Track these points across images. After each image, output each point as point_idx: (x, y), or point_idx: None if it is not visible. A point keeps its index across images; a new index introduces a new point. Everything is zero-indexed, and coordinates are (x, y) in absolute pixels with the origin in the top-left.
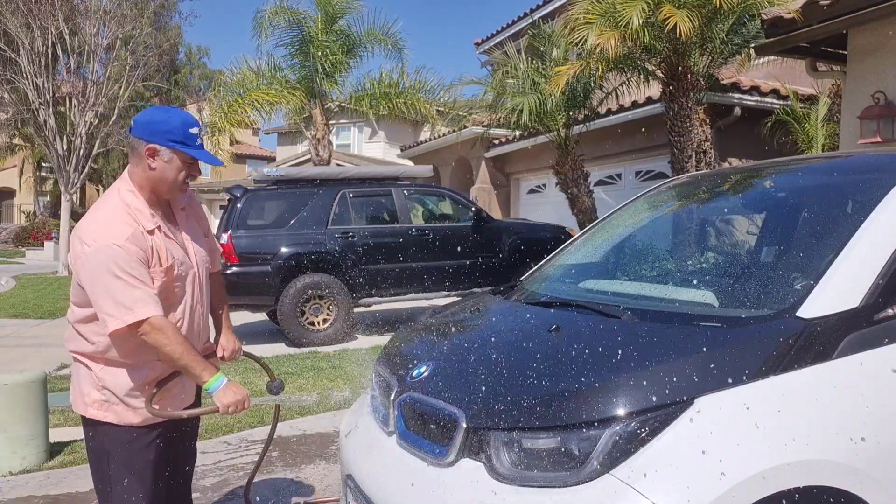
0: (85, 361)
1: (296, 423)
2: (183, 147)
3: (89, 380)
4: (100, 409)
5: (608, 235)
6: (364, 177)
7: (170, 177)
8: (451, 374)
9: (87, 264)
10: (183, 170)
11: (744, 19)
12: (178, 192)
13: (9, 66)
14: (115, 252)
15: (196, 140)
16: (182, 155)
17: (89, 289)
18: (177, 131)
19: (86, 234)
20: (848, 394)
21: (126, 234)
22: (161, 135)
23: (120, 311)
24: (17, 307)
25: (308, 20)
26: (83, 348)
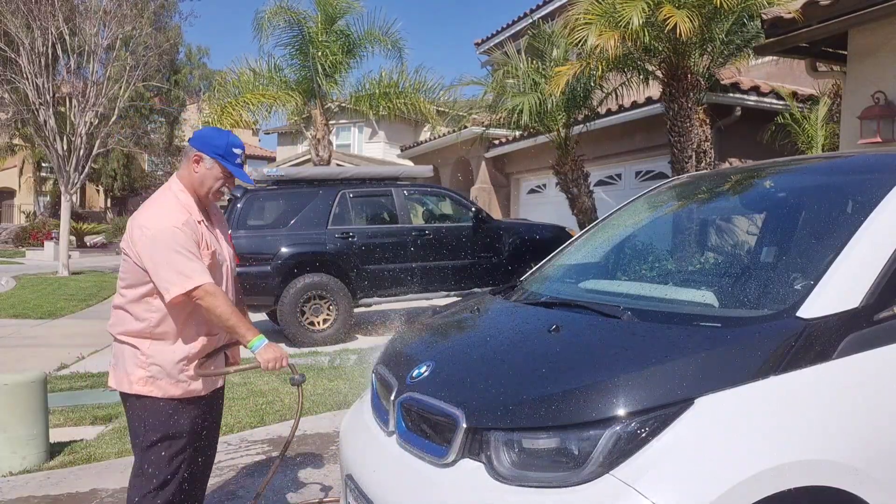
0: (132, 342)
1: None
2: (223, 160)
3: (134, 360)
4: (145, 385)
5: (608, 236)
6: (364, 177)
7: (207, 182)
8: (451, 374)
9: (152, 244)
10: (220, 179)
11: (744, 19)
12: (212, 197)
13: (9, 67)
14: (176, 232)
15: (237, 159)
16: (221, 167)
17: (151, 265)
18: (222, 148)
19: (146, 221)
20: (848, 394)
21: (182, 220)
22: (209, 147)
23: (181, 279)
24: (17, 307)
25: (308, 20)
26: (132, 328)
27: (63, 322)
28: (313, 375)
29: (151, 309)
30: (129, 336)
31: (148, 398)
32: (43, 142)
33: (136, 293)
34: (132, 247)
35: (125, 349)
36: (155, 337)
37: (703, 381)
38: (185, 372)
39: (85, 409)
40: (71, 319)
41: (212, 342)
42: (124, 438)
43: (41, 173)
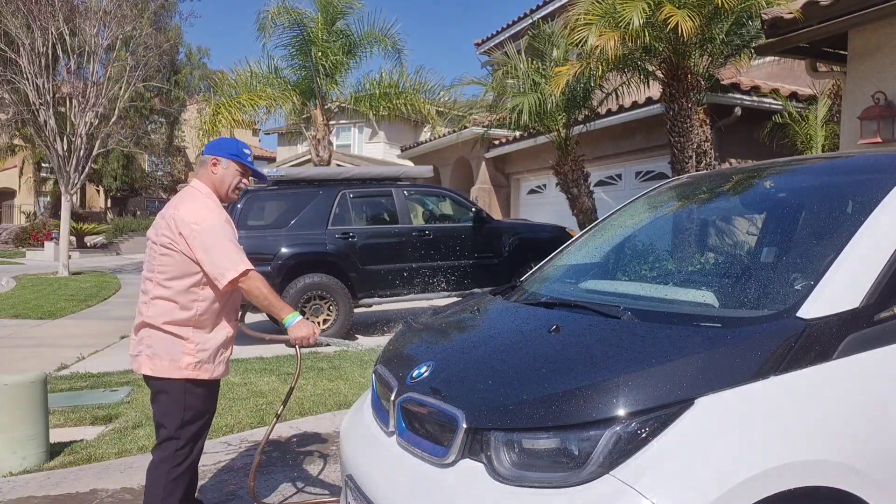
0: (177, 331)
1: (296, 423)
2: (237, 158)
3: (180, 347)
4: (194, 370)
5: (608, 236)
6: (364, 177)
7: (227, 180)
8: (451, 374)
9: (205, 236)
10: (237, 175)
11: (744, 20)
12: (231, 193)
13: (9, 67)
14: (224, 226)
15: (248, 157)
16: (236, 164)
17: (205, 255)
18: (234, 149)
19: (194, 217)
20: (848, 394)
21: (225, 217)
22: (223, 150)
23: (235, 264)
24: (17, 307)
25: (309, 20)
26: (179, 317)
27: (63, 322)
28: (313, 376)
29: (198, 298)
30: (174, 325)
31: (194, 381)
32: (43, 142)
33: (184, 284)
34: (179, 242)
35: (166, 338)
36: (198, 325)
37: (704, 382)
38: (223, 355)
39: (85, 410)
40: (71, 320)
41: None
42: (124, 439)
43: (41, 174)
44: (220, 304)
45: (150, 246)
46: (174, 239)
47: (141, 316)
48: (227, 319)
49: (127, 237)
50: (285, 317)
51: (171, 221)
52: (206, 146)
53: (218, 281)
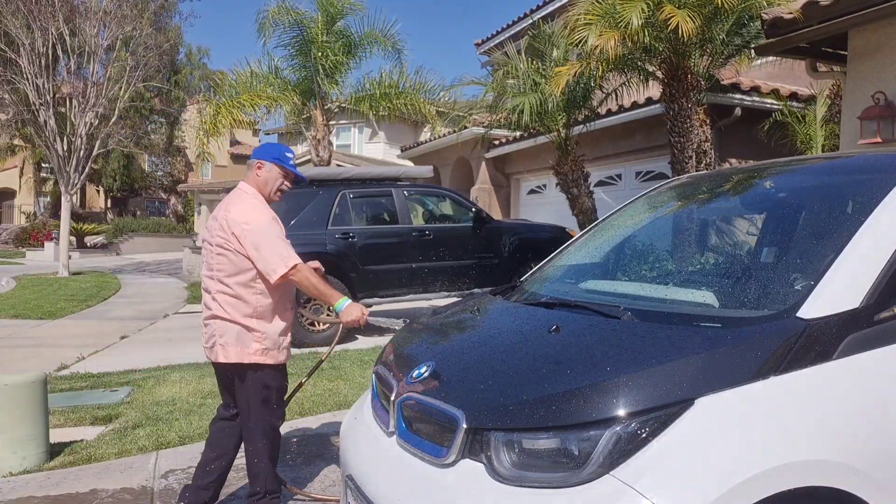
0: (243, 322)
1: (296, 423)
2: (279, 162)
3: (248, 337)
4: (263, 356)
5: (608, 236)
6: (364, 177)
7: (270, 182)
8: (451, 374)
9: (255, 235)
10: (279, 178)
11: (744, 20)
12: (274, 195)
13: (9, 67)
14: (273, 224)
15: (289, 161)
16: (278, 167)
17: (256, 252)
18: (276, 153)
19: (244, 217)
20: (848, 394)
21: (272, 215)
22: (267, 154)
23: (284, 260)
24: (18, 307)
25: (309, 21)
26: (244, 310)
27: (63, 322)
28: (313, 376)
29: (255, 292)
30: (240, 317)
31: (264, 366)
32: (43, 142)
33: (244, 279)
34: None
35: (234, 328)
36: (260, 316)
37: (704, 382)
38: (284, 342)
39: (85, 410)
40: (71, 320)
41: (292, 316)
42: (124, 439)
43: (41, 174)
44: (277, 296)
45: (206, 247)
46: (228, 239)
47: (209, 310)
48: (284, 309)
49: (127, 237)
50: (335, 302)
51: (224, 223)
52: (253, 150)
53: (269, 276)
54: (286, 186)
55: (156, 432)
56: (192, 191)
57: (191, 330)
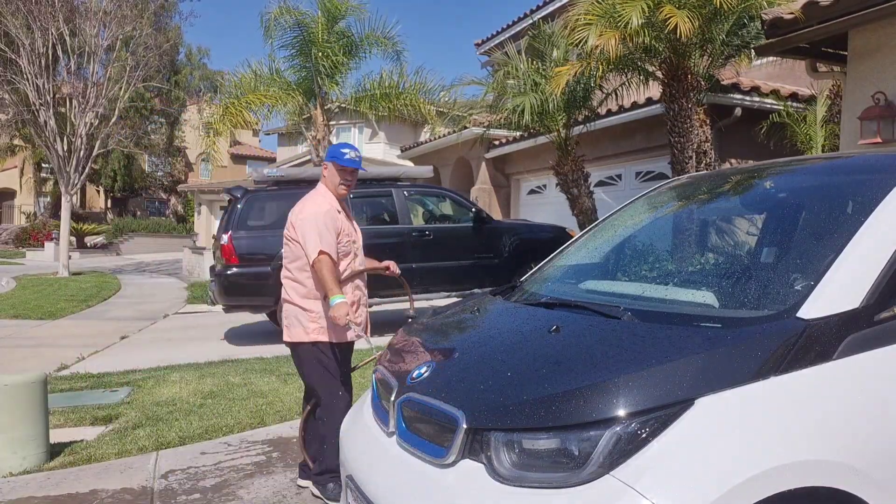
0: (301, 304)
1: (296, 423)
2: (336, 160)
3: (306, 316)
4: (318, 334)
5: (608, 236)
6: (364, 177)
7: (332, 180)
8: (451, 374)
9: (302, 224)
10: (337, 175)
11: (744, 20)
12: (339, 190)
13: (9, 67)
14: (317, 216)
15: (343, 156)
16: (336, 165)
17: (302, 240)
18: (332, 153)
19: (299, 209)
20: (848, 394)
21: (324, 209)
22: (329, 156)
23: (316, 244)
24: (18, 308)
25: (310, 21)
26: (301, 292)
27: (63, 323)
28: None
29: (310, 275)
30: (299, 298)
31: (320, 342)
32: (43, 142)
33: (300, 264)
34: (291, 231)
35: (295, 310)
36: (314, 297)
37: (704, 382)
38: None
39: (85, 410)
40: (71, 320)
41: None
42: (124, 439)
43: (41, 174)
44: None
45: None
46: (289, 229)
47: (283, 295)
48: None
49: (127, 237)
50: (331, 296)
51: (291, 216)
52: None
53: (308, 261)
54: (348, 179)
55: (156, 432)
56: (192, 191)
57: (191, 330)
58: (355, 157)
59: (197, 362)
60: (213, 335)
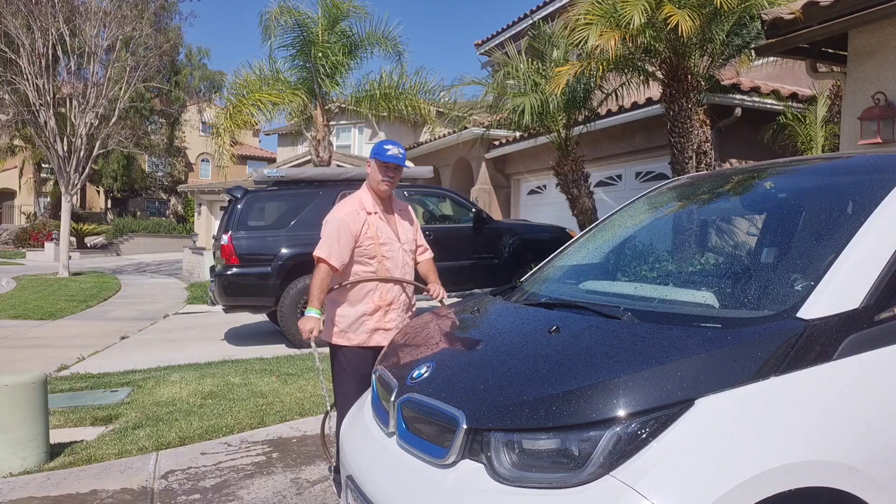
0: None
1: (296, 423)
2: (377, 156)
3: (330, 318)
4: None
5: (608, 236)
6: (364, 178)
7: (374, 177)
8: (451, 375)
9: (325, 224)
10: (379, 171)
11: (744, 20)
12: (379, 187)
13: (9, 68)
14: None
15: (387, 152)
16: (377, 161)
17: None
18: (377, 149)
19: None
20: (848, 395)
21: (345, 213)
22: (372, 153)
23: (319, 250)
24: (18, 308)
25: (310, 21)
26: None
27: (63, 323)
28: (313, 377)
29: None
30: (329, 301)
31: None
32: (43, 143)
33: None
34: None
35: (329, 310)
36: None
37: (704, 382)
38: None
39: (85, 410)
40: (71, 320)
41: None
42: (124, 439)
43: (41, 174)
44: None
45: None
46: None
47: None
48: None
49: (127, 238)
50: (308, 308)
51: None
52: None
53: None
54: (389, 177)
55: (156, 433)
56: (192, 191)
57: (191, 330)
58: (398, 153)
59: (197, 362)
60: (214, 335)
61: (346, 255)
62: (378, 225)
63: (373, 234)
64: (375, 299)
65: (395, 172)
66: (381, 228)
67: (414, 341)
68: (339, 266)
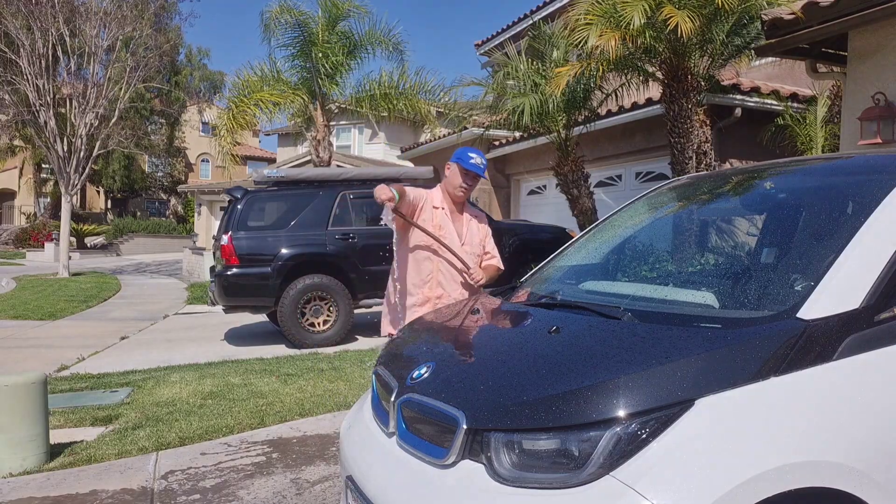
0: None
1: (296, 424)
2: (460, 161)
3: (385, 311)
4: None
5: (608, 237)
6: (364, 178)
7: (452, 181)
8: (451, 375)
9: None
10: (457, 177)
11: (744, 20)
12: (456, 192)
13: (9, 68)
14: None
15: (470, 160)
16: (457, 166)
17: None
18: (458, 154)
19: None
20: (848, 395)
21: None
22: (454, 157)
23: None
24: (18, 308)
25: (310, 21)
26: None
27: (63, 323)
28: (313, 377)
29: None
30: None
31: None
32: (43, 143)
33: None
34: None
35: (385, 305)
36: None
37: (704, 382)
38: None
39: (85, 411)
40: (71, 321)
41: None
42: (124, 439)
43: (41, 174)
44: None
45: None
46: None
47: None
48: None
49: (127, 238)
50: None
51: None
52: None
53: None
54: (467, 184)
55: (156, 433)
56: (192, 191)
57: (191, 330)
58: (480, 163)
59: (197, 363)
60: (214, 336)
61: (411, 204)
62: (443, 221)
63: (437, 223)
64: (425, 291)
65: (473, 181)
66: (446, 225)
67: (414, 341)
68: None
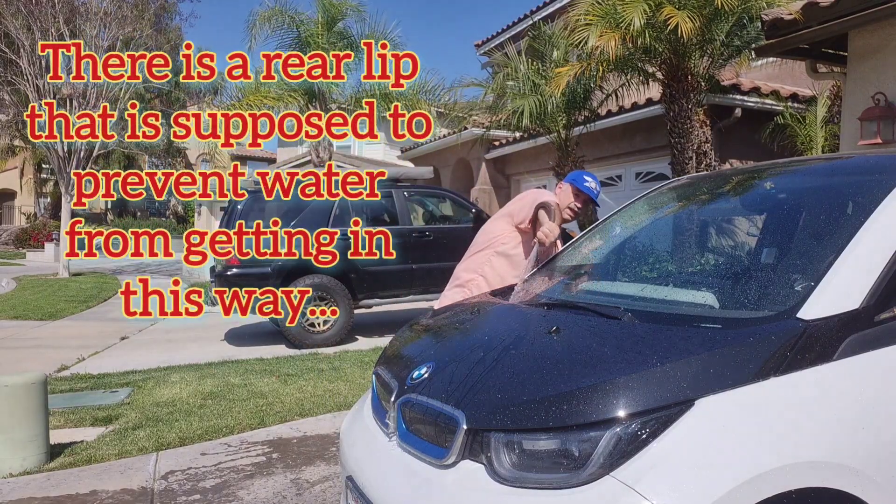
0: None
1: (296, 424)
2: (572, 181)
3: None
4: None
5: (608, 237)
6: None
7: (564, 199)
8: (451, 375)
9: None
10: (570, 197)
11: (744, 21)
12: (564, 212)
13: (9, 68)
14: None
15: (583, 182)
16: (571, 186)
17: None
18: (573, 176)
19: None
20: (849, 395)
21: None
22: (568, 177)
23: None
24: (18, 308)
25: (308, 22)
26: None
27: (63, 323)
28: (314, 377)
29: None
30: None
31: None
32: (43, 143)
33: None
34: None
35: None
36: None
37: (704, 383)
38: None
39: (85, 411)
40: (71, 321)
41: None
42: (124, 440)
43: (42, 175)
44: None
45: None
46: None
47: None
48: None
49: None
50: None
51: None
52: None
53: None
54: (578, 207)
55: (156, 433)
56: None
57: (191, 330)
58: (595, 188)
59: (197, 363)
60: (214, 336)
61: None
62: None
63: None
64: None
65: (584, 205)
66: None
67: (414, 341)
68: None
